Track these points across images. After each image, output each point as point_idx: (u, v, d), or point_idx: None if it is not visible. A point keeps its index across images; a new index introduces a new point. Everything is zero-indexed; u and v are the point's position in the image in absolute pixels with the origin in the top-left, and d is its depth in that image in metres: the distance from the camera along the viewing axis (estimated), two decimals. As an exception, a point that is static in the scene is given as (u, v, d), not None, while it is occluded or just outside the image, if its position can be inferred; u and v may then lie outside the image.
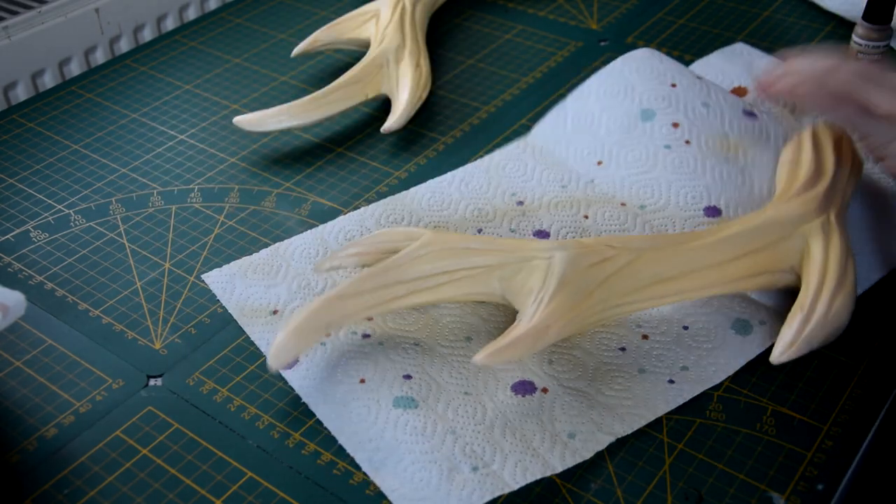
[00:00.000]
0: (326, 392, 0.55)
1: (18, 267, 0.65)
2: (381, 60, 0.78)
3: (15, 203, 0.71)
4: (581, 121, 0.72)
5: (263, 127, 0.74)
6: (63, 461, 0.52)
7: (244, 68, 0.86)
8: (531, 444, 0.51)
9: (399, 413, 0.52)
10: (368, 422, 0.52)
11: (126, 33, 0.93)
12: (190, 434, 0.54)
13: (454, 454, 0.50)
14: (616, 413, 0.53)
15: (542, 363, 0.56)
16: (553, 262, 0.54)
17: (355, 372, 0.55)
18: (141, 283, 0.64)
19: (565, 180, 0.69)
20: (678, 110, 0.69)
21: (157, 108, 0.81)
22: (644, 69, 0.72)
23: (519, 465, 0.50)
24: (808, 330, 0.54)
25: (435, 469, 0.49)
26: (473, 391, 0.54)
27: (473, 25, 0.92)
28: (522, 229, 0.66)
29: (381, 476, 0.50)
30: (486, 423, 0.52)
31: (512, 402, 0.53)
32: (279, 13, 0.95)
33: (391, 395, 0.53)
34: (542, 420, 0.52)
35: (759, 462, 0.51)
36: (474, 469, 0.49)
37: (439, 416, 0.52)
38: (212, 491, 0.51)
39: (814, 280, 0.55)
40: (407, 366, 0.55)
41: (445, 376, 0.55)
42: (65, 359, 0.58)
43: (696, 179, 0.66)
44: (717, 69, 0.80)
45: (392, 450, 0.51)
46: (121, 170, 0.74)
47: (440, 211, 0.67)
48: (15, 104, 0.84)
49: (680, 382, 0.55)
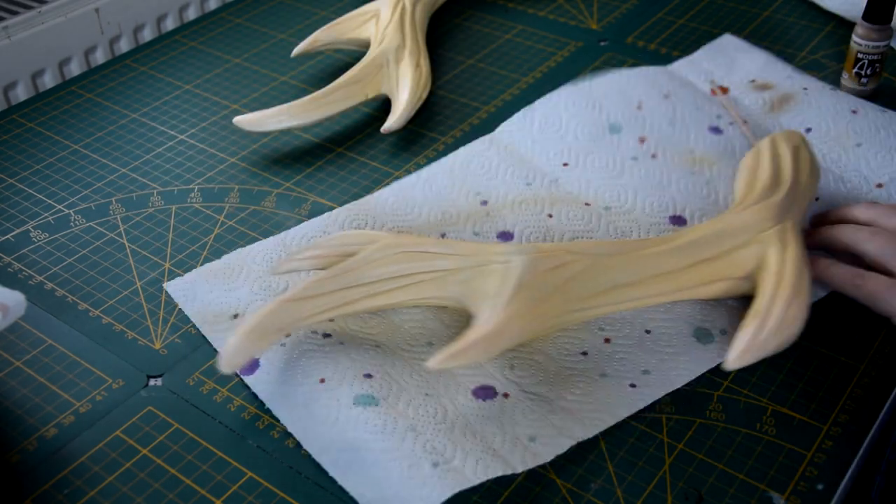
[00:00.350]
0: (287, 395, 0.54)
1: (18, 267, 0.65)
2: (381, 60, 0.78)
3: (15, 203, 0.71)
4: (549, 124, 0.74)
5: (263, 127, 0.74)
6: (63, 461, 0.52)
7: (244, 68, 0.86)
8: (491, 445, 0.50)
9: (359, 411, 0.52)
10: (329, 422, 0.52)
11: (126, 33, 0.93)
12: (190, 434, 0.54)
13: (415, 451, 0.50)
14: (577, 417, 0.53)
15: (504, 368, 0.55)
16: (510, 266, 0.54)
17: (315, 372, 0.54)
18: (141, 283, 0.64)
19: (530, 178, 0.70)
20: (644, 128, 0.73)
21: (157, 108, 0.81)
22: (611, 90, 0.76)
23: (480, 462, 0.49)
24: (762, 337, 0.53)
25: (396, 466, 0.49)
26: (434, 393, 0.53)
27: (473, 25, 0.92)
28: (486, 231, 0.65)
29: (349, 480, 0.50)
30: (446, 424, 0.51)
31: (472, 406, 0.53)
32: (279, 13, 0.95)
33: (352, 394, 0.53)
34: (503, 423, 0.52)
35: (759, 462, 0.51)
36: (434, 465, 0.49)
37: (400, 413, 0.52)
38: (212, 491, 0.51)
39: (769, 287, 0.55)
40: (367, 365, 0.55)
41: (406, 377, 0.54)
42: (65, 359, 0.58)
43: (663, 190, 0.67)
44: (699, 69, 0.81)
45: (354, 450, 0.50)
46: (121, 170, 0.74)
47: (404, 215, 0.67)
48: (15, 104, 0.84)
49: (641, 386, 0.54)
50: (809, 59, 0.84)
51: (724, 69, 0.81)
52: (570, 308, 0.54)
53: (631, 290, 0.56)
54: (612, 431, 0.53)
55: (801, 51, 0.86)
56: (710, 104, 0.76)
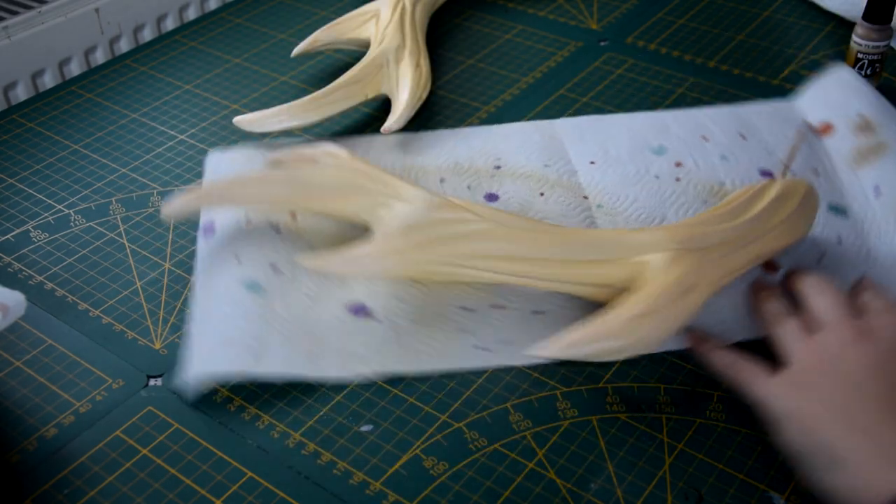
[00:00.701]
0: (211, 263, 0.62)
1: (18, 267, 0.65)
2: (381, 60, 0.78)
3: (15, 203, 0.71)
4: (602, 128, 0.75)
5: (263, 127, 0.73)
6: (63, 461, 0.52)
7: (244, 68, 0.86)
8: (319, 352, 0.57)
9: (242, 292, 0.59)
10: (218, 290, 0.60)
11: (126, 33, 0.93)
12: (190, 434, 0.54)
13: (246, 330, 0.57)
14: (412, 355, 0.57)
15: (391, 297, 0.60)
16: (409, 205, 0.58)
17: (240, 251, 0.62)
18: (141, 283, 0.64)
19: (551, 161, 0.71)
20: (688, 155, 0.71)
21: (157, 108, 0.81)
22: (681, 118, 0.75)
23: (293, 360, 0.56)
24: (576, 337, 0.52)
25: (219, 335, 0.57)
26: (315, 296, 0.60)
27: (473, 25, 0.92)
28: (478, 188, 0.69)
29: (194, 333, 0.57)
30: (300, 323, 0.58)
31: (337, 316, 0.59)
32: (279, 13, 0.95)
33: (246, 276, 0.60)
34: (350, 338, 0.57)
35: (759, 462, 0.51)
36: (250, 349, 0.56)
37: (269, 306, 0.59)
38: (212, 491, 0.51)
39: (629, 299, 0.54)
40: (278, 257, 0.62)
41: (302, 276, 0.61)
42: (65, 359, 0.58)
43: (660, 208, 0.66)
44: (818, 103, 0.75)
45: (212, 314, 0.58)
46: (121, 170, 0.74)
47: (429, 150, 0.73)
48: (15, 104, 0.84)
49: (490, 351, 0.57)
50: (809, 59, 0.84)
51: (836, 105, 0.74)
52: (454, 262, 0.57)
53: (515, 264, 0.57)
54: (613, 431, 0.53)
55: (801, 51, 0.86)
56: (785, 148, 0.71)
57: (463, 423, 0.54)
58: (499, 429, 0.54)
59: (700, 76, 0.83)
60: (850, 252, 0.63)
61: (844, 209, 0.66)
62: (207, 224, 0.65)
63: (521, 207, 0.67)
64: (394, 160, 0.72)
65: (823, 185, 0.67)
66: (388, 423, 0.54)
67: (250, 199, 0.63)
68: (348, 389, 0.56)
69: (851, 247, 0.63)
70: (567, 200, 0.67)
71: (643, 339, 0.53)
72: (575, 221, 0.66)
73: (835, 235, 0.64)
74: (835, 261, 0.62)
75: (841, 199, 0.66)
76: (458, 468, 0.52)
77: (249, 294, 0.59)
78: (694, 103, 0.79)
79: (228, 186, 0.63)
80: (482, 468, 0.52)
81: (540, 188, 0.69)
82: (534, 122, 0.76)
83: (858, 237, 0.63)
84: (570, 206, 0.67)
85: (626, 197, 0.68)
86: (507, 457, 0.52)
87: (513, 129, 0.75)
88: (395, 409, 0.55)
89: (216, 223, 0.65)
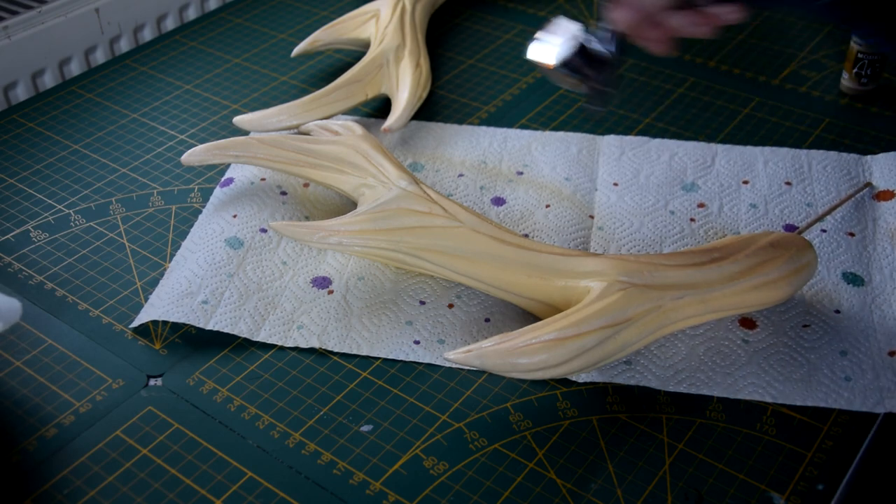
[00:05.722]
0: (213, 215, 0.67)
1: (18, 267, 0.65)
2: (381, 60, 0.78)
3: (15, 203, 0.71)
4: (644, 152, 0.73)
5: (263, 127, 0.74)
6: (63, 461, 0.52)
7: (244, 68, 0.86)
8: (267, 314, 0.60)
9: (220, 245, 0.64)
10: (204, 239, 0.64)
11: (126, 33, 0.93)
12: (190, 434, 0.54)
13: (205, 285, 0.61)
14: (353, 335, 0.59)
15: (355, 277, 0.62)
16: (387, 192, 0.61)
17: (239, 208, 0.67)
18: (141, 283, 0.64)
19: (573, 175, 0.71)
20: (714, 198, 0.69)
21: (157, 108, 0.81)
22: (733, 154, 0.73)
23: (258, 317, 0.60)
24: (489, 349, 0.52)
25: (183, 286, 0.61)
26: (290, 263, 0.63)
27: (473, 25, 0.92)
28: (489, 188, 0.70)
29: (167, 278, 0.62)
30: (272, 289, 0.61)
31: (298, 285, 0.62)
32: (279, 13, 0.95)
33: (232, 231, 0.65)
34: (299, 306, 0.60)
35: (759, 462, 0.51)
36: (205, 302, 0.59)
37: (241, 266, 0.63)
38: (212, 491, 0.51)
39: (556, 322, 0.53)
40: (273, 219, 0.66)
41: (286, 243, 0.65)
42: (65, 359, 0.58)
43: (658, 244, 0.65)
44: (888, 164, 0.71)
45: (187, 262, 0.62)
46: (121, 170, 0.74)
47: (461, 143, 0.75)
48: (15, 104, 0.84)
49: (420, 345, 0.58)
50: (809, 59, 0.84)
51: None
52: (407, 250, 0.59)
53: (468, 265, 0.58)
54: (613, 431, 0.53)
55: (801, 51, 0.86)
56: (830, 201, 0.68)
57: (463, 423, 0.54)
58: (499, 429, 0.54)
59: (700, 76, 0.83)
60: (843, 322, 0.59)
61: (862, 279, 0.62)
62: (227, 179, 0.71)
63: (522, 215, 0.67)
64: (425, 146, 0.74)
65: (852, 250, 0.64)
66: (388, 423, 0.54)
67: (262, 158, 0.66)
68: (348, 389, 0.56)
69: (853, 318, 0.59)
70: (569, 216, 0.67)
71: (554, 363, 0.52)
72: (565, 239, 0.65)
73: (836, 304, 0.60)
74: (821, 330, 0.58)
75: (863, 268, 0.63)
76: (458, 468, 0.52)
77: (226, 249, 0.63)
78: (694, 103, 0.79)
79: (245, 144, 0.67)
80: (482, 468, 0.52)
81: (548, 200, 0.68)
82: (580, 134, 0.75)
83: (864, 308, 0.60)
84: (569, 223, 0.66)
85: (629, 224, 0.67)
86: (507, 457, 0.52)
87: (556, 137, 0.75)
88: (395, 409, 0.55)
89: (235, 179, 0.70)
